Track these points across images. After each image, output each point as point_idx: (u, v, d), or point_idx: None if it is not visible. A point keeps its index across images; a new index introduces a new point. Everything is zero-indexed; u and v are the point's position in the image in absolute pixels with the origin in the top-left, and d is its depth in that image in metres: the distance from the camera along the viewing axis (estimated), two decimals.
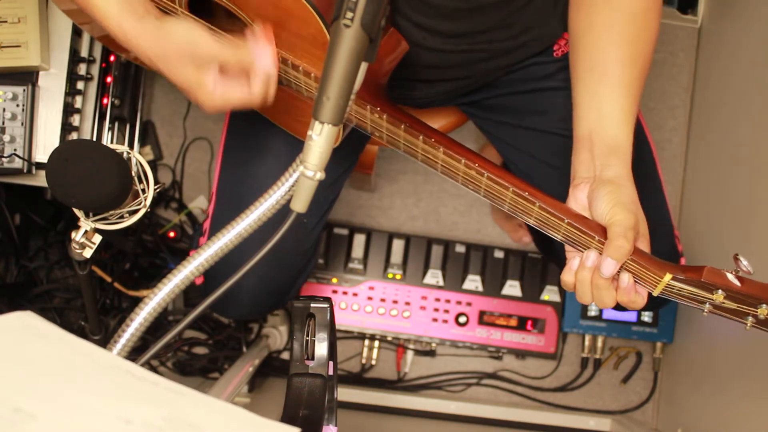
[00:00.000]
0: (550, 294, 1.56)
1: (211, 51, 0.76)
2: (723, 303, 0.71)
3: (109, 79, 1.27)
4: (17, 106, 1.09)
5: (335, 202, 1.17)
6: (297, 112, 0.96)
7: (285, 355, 1.59)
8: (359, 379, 1.60)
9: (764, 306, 0.70)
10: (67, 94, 1.14)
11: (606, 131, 0.80)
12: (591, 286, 0.75)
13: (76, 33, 1.16)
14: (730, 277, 0.70)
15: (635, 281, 0.75)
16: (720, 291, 0.70)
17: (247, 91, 0.78)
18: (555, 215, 0.76)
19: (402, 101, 1.10)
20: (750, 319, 0.72)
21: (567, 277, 0.78)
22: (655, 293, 0.74)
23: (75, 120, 1.17)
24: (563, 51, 1.01)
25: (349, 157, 1.16)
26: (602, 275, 0.73)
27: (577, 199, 0.79)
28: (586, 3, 0.85)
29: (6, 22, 1.07)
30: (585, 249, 0.76)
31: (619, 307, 0.79)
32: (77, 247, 0.78)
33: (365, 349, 1.60)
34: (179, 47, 0.75)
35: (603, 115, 0.81)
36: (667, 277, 0.72)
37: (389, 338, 1.59)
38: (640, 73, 0.83)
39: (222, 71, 0.77)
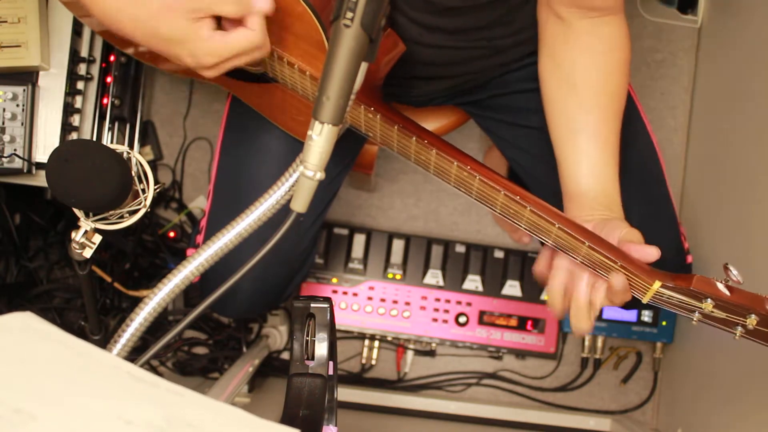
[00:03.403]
0: None
1: None
2: (712, 312, 0.71)
3: (109, 79, 1.27)
4: (17, 106, 1.09)
5: (333, 201, 1.17)
6: (293, 111, 0.96)
7: (285, 355, 1.59)
8: (359, 379, 1.60)
9: (753, 316, 0.70)
10: (67, 94, 1.14)
11: (606, 190, 0.84)
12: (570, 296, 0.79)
13: (76, 33, 1.16)
14: (720, 286, 0.70)
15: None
16: (709, 300, 0.70)
17: (248, 31, 0.71)
18: (546, 219, 0.76)
19: (400, 99, 1.10)
20: (739, 329, 0.72)
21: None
22: (645, 300, 0.75)
23: (75, 120, 1.17)
24: None
25: (347, 155, 1.16)
26: (614, 287, 0.74)
27: None
28: (557, 63, 0.88)
29: (6, 22, 1.07)
30: (574, 254, 0.76)
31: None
32: (77, 247, 0.78)
33: (365, 349, 1.60)
34: (168, 2, 0.68)
35: (598, 175, 0.84)
36: (656, 284, 0.72)
37: (389, 338, 1.59)
38: (620, 123, 0.87)
39: (216, 22, 0.71)
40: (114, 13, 0.69)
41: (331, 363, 0.65)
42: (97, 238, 0.79)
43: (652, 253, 0.74)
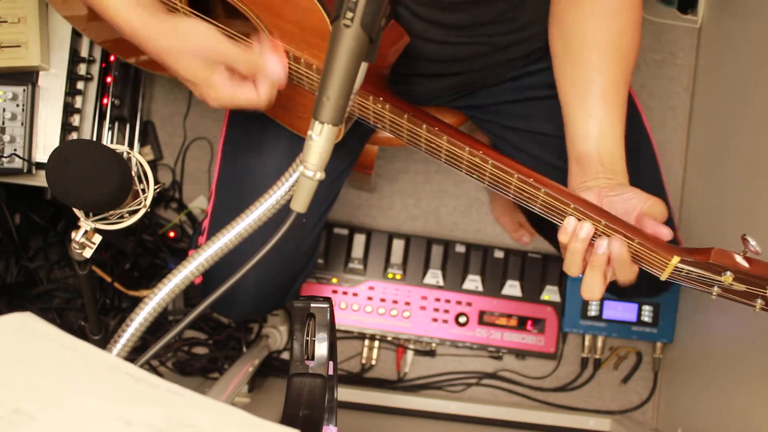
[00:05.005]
0: (550, 294, 1.56)
1: (227, 54, 0.78)
2: (731, 285, 0.70)
3: (109, 79, 1.27)
4: (17, 106, 1.09)
5: (335, 201, 1.17)
6: (298, 108, 0.96)
7: (285, 355, 1.59)
8: (359, 379, 1.60)
9: None
10: (67, 94, 1.14)
11: (611, 152, 0.83)
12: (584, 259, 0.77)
13: (76, 33, 1.16)
14: (738, 258, 0.70)
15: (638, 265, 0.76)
16: (728, 273, 0.70)
17: (255, 94, 0.81)
18: (560, 200, 0.76)
19: (403, 97, 1.10)
20: (759, 301, 0.71)
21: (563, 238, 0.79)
22: (663, 277, 0.74)
23: (75, 120, 1.17)
24: None
25: (349, 155, 1.16)
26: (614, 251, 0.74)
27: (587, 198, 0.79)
28: (569, 21, 0.87)
29: (6, 22, 1.07)
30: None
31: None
32: (77, 247, 0.78)
33: (365, 349, 1.60)
34: (194, 47, 0.77)
35: (605, 135, 0.83)
36: (675, 259, 0.72)
37: (389, 338, 1.59)
38: (628, 86, 0.87)
39: (230, 72, 0.80)
40: (146, 41, 0.78)
41: (331, 363, 0.65)
42: (97, 238, 0.79)
43: (665, 233, 0.73)
